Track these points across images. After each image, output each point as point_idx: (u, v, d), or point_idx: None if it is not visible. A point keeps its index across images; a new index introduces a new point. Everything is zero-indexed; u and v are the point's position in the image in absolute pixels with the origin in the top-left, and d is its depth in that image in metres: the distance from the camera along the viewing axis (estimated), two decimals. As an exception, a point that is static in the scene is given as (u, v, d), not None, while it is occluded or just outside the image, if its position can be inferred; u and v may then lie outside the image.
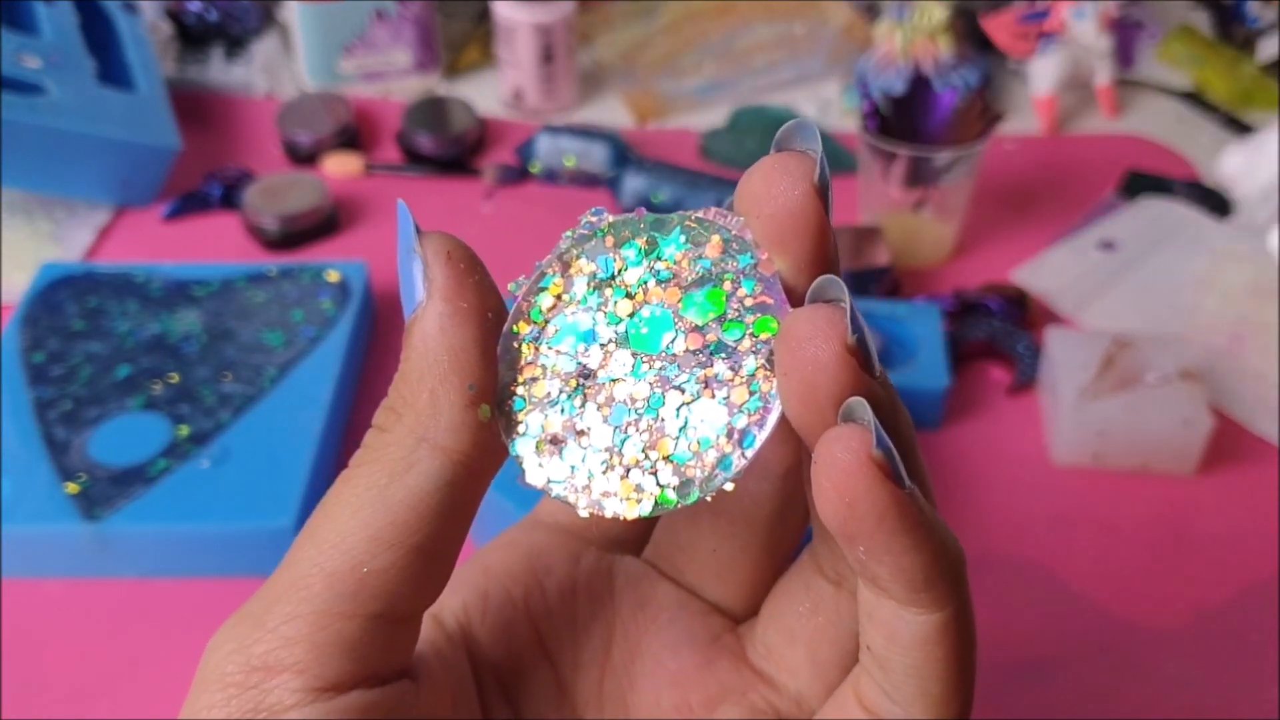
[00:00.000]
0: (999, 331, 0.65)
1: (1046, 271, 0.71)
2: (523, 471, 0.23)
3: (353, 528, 0.22)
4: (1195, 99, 0.88)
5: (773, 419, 0.22)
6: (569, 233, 0.24)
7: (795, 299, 0.23)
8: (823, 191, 0.22)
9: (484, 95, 0.86)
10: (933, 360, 0.61)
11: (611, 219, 0.24)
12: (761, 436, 0.22)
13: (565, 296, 0.24)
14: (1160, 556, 0.56)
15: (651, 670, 0.27)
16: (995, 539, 0.56)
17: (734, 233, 0.23)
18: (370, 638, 0.22)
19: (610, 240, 0.24)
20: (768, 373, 0.22)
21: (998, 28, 0.83)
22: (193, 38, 0.89)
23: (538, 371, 0.23)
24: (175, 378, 0.59)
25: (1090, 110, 0.87)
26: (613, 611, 0.28)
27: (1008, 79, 0.90)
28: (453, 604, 0.27)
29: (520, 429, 0.23)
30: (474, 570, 0.27)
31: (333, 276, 0.65)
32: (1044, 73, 0.83)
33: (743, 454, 0.22)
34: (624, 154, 0.78)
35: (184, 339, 0.61)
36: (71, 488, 0.53)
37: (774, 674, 0.26)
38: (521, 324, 0.23)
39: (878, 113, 0.69)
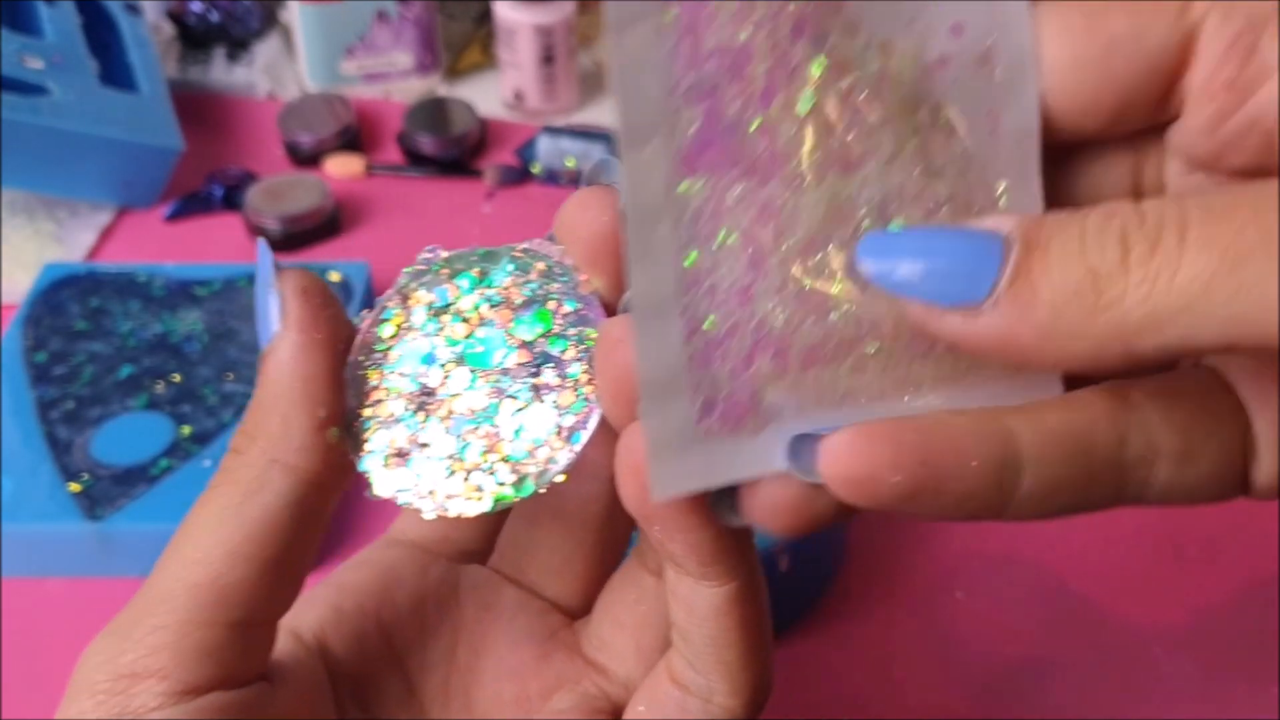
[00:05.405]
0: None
1: None
2: (371, 484, 0.25)
3: (211, 543, 0.24)
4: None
5: (596, 417, 0.24)
6: (407, 269, 0.26)
7: (612, 312, 0.25)
8: None
9: (485, 96, 0.87)
10: (933, 361, 0.61)
11: (446, 254, 0.26)
12: (586, 433, 0.24)
13: (406, 325, 0.26)
14: (1159, 556, 0.56)
15: (493, 666, 0.29)
16: (994, 539, 0.56)
17: (556, 259, 0.26)
18: (229, 643, 0.24)
19: (445, 272, 0.26)
20: (590, 377, 0.25)
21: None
22: (195, 39, 0.89)
23: (383, 394, 0.25)
24: (177, 377, 0.59)
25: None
26: (458, 615, 0.30)
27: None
28: (309, 619, 0.28)
29: (368, 446, 0.25)
30: (329, 588, 0.29)
31: (334, 277, 0.65)
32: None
33: (571, 449, 0.24)
34: (625, 155, 0.78)
35: (186, 339, 0.61)
36: (74, 487, 0.53)
37: (605, 662, 0.29)
38: (366, 352, 0.25)
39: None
